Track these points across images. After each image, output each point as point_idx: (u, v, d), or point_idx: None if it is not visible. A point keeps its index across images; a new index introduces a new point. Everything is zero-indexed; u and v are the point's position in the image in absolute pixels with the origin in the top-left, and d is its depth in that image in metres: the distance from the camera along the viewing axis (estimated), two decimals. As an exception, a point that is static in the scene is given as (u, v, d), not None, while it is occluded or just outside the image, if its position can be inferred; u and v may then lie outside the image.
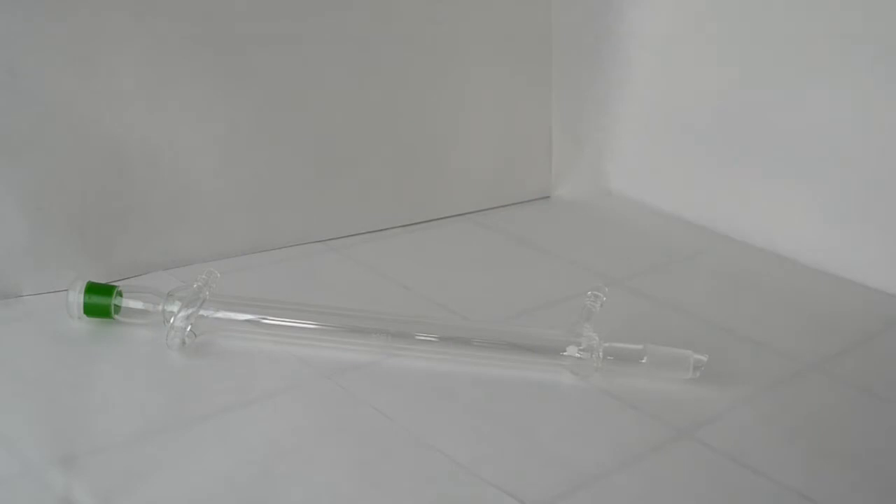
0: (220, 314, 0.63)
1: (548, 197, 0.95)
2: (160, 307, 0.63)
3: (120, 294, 0.64)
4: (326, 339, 0.63)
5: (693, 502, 0.52)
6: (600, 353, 0.61)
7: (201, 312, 0.62)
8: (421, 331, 0.63)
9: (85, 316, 0.64)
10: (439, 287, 0.74)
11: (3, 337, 0.63)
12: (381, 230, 0.84)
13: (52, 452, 0.51)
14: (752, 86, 0.84)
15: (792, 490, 0.53)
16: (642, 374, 0.61)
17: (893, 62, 0.75)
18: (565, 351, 0.62)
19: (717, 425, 0.58)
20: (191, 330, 0.61)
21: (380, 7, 0.80)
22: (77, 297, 0.63)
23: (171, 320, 0.62)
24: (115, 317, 0.64)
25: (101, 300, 0.64)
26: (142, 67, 0.70)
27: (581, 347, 0.61)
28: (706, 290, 0.77)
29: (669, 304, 0.74)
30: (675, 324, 0.71)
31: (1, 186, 0.66)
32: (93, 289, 0.64)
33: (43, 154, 0.68)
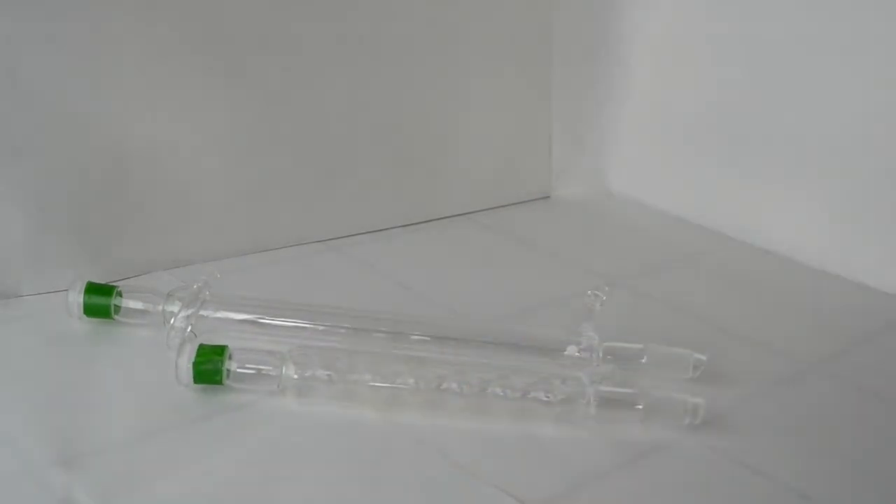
0: (220, 314, 0.63)
1: (548, 197, 0.95)
2: (160, 307, 0.63)
3: (120, 294, 0.64)
4: (326, 340, 0.63)
5: (693, 502, 0.52)
6: (600, 353, 0.61)
7: (201, 312, 0.62)
8: (419, 331, 0.63)
9: (85, 316, 0.64)
10: (439, 287, 0.74)
11: (3, 337, 0.63)
12: (381, 230, 0.84)
13: (52, 452, 0.51)
14: (752, 86, 0.84)
15: (792, 490, 0.53)
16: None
17: (894, 62, 0.75)
18: (565, 351, 0.62)
19: (717, 425, 0.58)
20: (191, 330, 0.61)
21: (380, 7, 0.80)
22: (77, 297, 0.63)
23: (172, 320, 0.62)
24: (115, 317, 0.64)
25: (101, 300, 0.64)
26: (142, 67, 0.70)
27: (581, 347, 0.61)
28: (706, 290, 0.77)
29: (669, 304, 0.74)
30: (675, 324, 0.71)
31: (1, 186, 0.66)
32: (93, 289, 0.64)
33: (43, 154, 0.68)
